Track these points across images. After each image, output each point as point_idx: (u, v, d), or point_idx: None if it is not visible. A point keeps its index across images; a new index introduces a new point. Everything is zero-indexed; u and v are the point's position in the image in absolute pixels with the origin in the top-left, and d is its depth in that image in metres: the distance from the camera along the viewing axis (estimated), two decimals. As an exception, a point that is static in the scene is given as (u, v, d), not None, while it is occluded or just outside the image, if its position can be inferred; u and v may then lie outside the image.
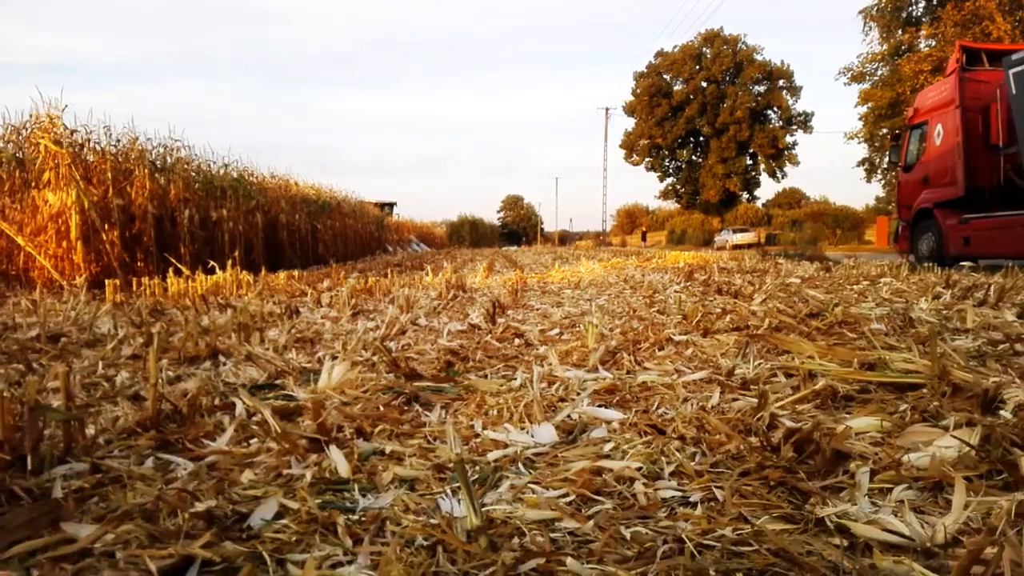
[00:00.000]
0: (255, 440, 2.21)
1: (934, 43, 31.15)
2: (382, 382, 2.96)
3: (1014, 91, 10.73)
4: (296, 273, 11.21)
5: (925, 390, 2.39)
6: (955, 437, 1.86)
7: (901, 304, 4.85)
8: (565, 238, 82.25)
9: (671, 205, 65.03)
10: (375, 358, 3.43)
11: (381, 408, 2.60)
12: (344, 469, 1.91)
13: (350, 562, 1.41)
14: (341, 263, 18.39)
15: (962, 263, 9.37)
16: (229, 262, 9.85)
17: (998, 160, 11.73)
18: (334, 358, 3.37)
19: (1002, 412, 2.12)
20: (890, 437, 2.01)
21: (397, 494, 1.75)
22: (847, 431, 1.96)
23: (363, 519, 1.61)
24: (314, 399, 2.37)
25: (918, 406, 2.25)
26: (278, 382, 3.15)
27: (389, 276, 10.51)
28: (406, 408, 2.66)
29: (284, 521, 1.60)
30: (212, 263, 9.90)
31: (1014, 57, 10.83)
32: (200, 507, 1.62)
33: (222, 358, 3.69)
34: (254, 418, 2.39)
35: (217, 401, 2.73)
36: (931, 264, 9.78)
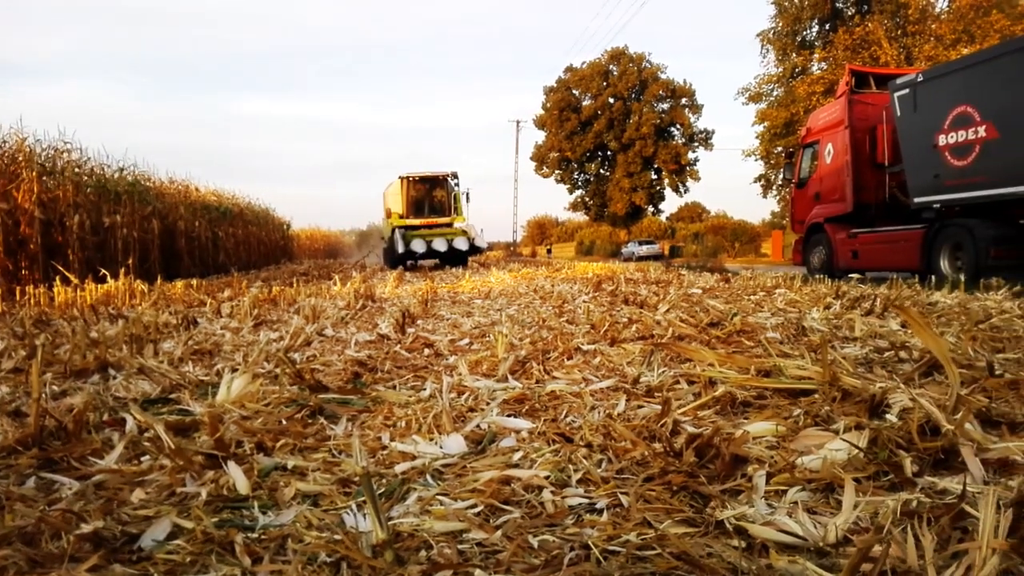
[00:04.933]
0: (147, 457, 2.11)
1: (826, 66, 32.94)
2: (285, 395, 2.87)
3: (899, 113, 11.46)
4: (195, 282, 10.79)
5: (817, 396, 2.50)
6: (845, 440, 1.95)
7: (795, 314, 5.08)
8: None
9: (580, 217, 66.15)
10: (278, 370, 3.33)
11: (284, 422, 2.52)
12: (243, 486, 1.84)
13: (249, 582, 1.35)
14: (244, 272, 17.85)
15: (851, 275, 9.91)
16: (122, 270, 9.40)
17: (884, 178, 12.49)
18: (234, 370, 3.25)
19: (888, 416, 2.23)
20: (785, 441, 2.10)
21: (300, 510, 1.70)
22: (745, 436, 2.03)
23: (263, 537, 1.55)
24: (211, 413, 2.27)
25: (811, 411, 2.35)
26: (173, 396, 3.01)
27: (295, 285, 10.25)
28: (310, 421, 2.59)
29: (178, 541, 1.53)
30: (103, 271, 9.42)
31: (899, 81, 11.58)
32: (86, 529, 1.53)
33: (112, 371, 3.51)
34: (146, 434, 2.28)
35: (106, 417, 2.59)
36: (822, 276, 10.30)
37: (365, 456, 2.07)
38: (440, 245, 21.97)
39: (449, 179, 24.30)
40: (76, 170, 12.84)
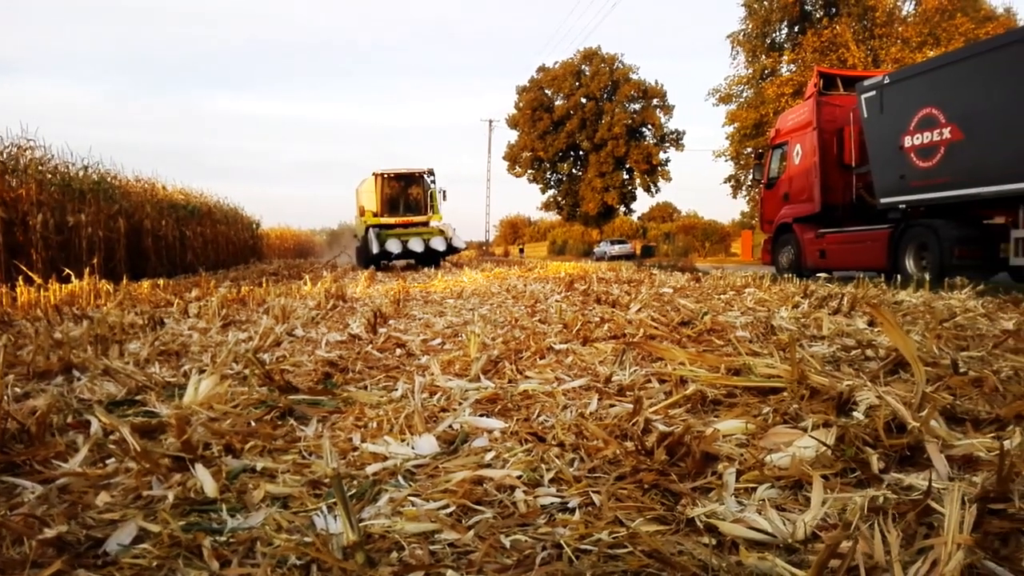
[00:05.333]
0: (112, 460, 2.07)
1: (795, 68, 33.39)
2: (254, 396, 2.83)
3: (866, 115, 11.65)
4: (162, 282, 10.63)
5: (786, 394, 2.53)
6: (813, 437, 1.98)
7: (764, 313, 5.13)
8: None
9: (553, 217, 66.32)
10: (247, 371, 3.29)
11: (253, 423, 2.49)
12: (211, 488, 1.81)
13: (216, 586, 1.33)
14: (212, 272, 17.61)
15: (818, 274, 10.05)
16: (87, 270, 9.23)
17: (851, 179, 12.69)
18: (201, 371, 3.20)
19: (855, 413, 2.27)
20: (754, 439, 2.12)
21: (269, 512, 1.67)
22: (715, 434, 2.04)
23: (231, 540, 1.53)
24: (178, 415, 2.23)
25: (780, 409, 2.38)
26: (139, 398, 2.96)
27: (264, 285, 10.14)
28: (280, 423, 2.56)
29: (144, 545, 1.50)
30: (68, 271, 9.23)
31: (866, 83, 11.77)
32: (49, 533, 1.49)
33: (76, 373, 3.44)
34: (111, 436, 2.23)
35: (70, 419, 2.53)
36: (791, 275, 10.44)
37: (336, 457, 2.06)
38: (416, 245, 21.24)
39: (425, 176, 23.59)
40: (39, 168, 12.58)
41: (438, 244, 21.52)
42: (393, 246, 21.25)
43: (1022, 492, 1.53)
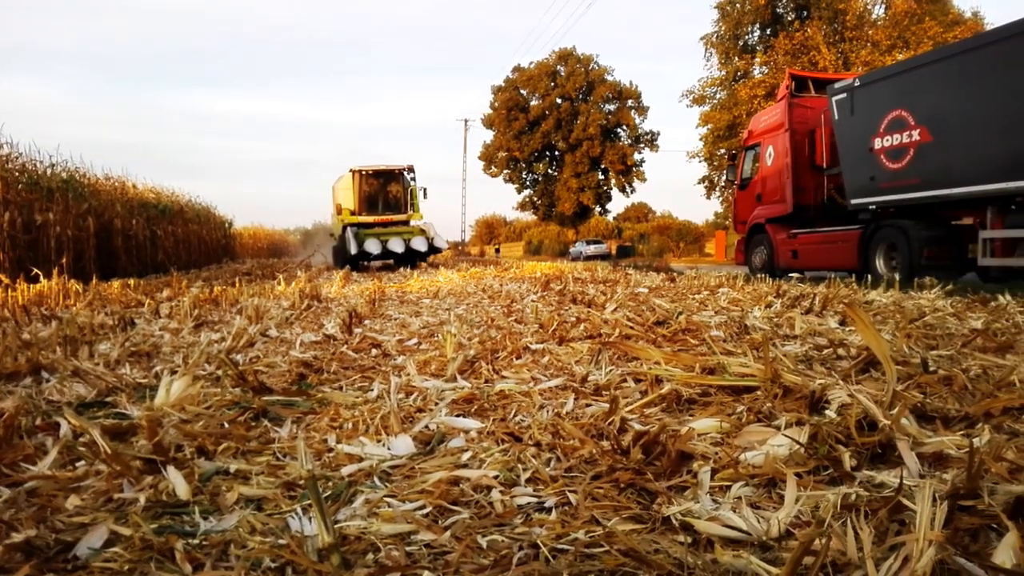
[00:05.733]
0: (82, 463, 2.03)
1: (767, 70, 33.76)
2: (227, 397, 2.80)
3: (836, 117, 11.81)
4: (132, 282, 10.47)
5: (759, 392, 2.55)
6: (786, 436, 2.00)
7: (737, 312, 5.18)
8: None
9: (528, 217, 66.39)
10: (220, 372, 3.25)
11: (226, 425, 2.46)
12: (183, 491, 1.79)
13: (189, 590, 1.31)
14: (184, 271, 17.39)
15: (791, 274, 10.16)
16: (56, 269, 9.06)
17: (822, 180, 12.85)
18: (173, 372, 3.16)
19: (827, 412, 2.29)
20: (729, 437, 2.13)
21: (243, 515, 1.66)
22: (690, 433, 2.06)
23: (204, 543, 1.51)
24: (150, 417, 2.20)
25: (753, 407, 2.40)
26: (109, 399, 2.92)
27: (237, 285, 10.03)
28: (254, 424, 2.53)
29: (115, 549, 1.48)
30: (36, 271, 9.07)
31: (837, 86, 11.92)
32: (17, 537, 1.46)
33: (45, 374, 3.37)
34: (81, 439, 2.19)
35: (39, 421, 2.49)
36: (764, 275, 10.54)
37: (310, 459, 2.04)
38: (396, 245, 20.40)
39: (405, 173, 22.75)
40: (5, 166, 12.34)
41: (419, 244, 20.77)
42: (372, 246, 20.33)
43: (991, 488, 1.56)
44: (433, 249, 21.42)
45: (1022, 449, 1.91)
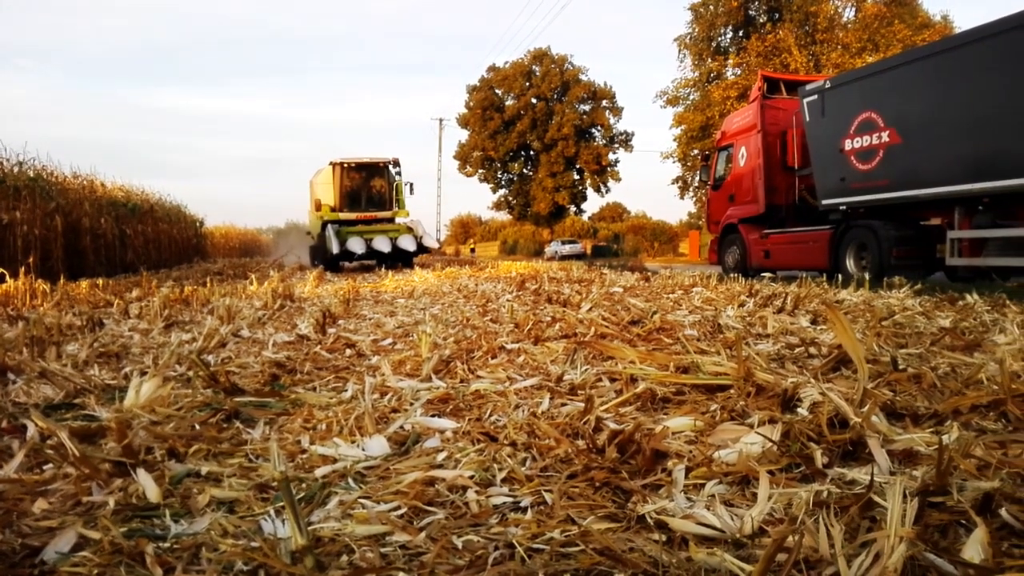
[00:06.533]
0: (50, 466, 1.99)
1: (740, 71, 34.08)
2: (198, 398, 2.77)
3: (807, 118, 11.95)
4: (101, 282, 10.29)
5: (733, 391, 2.58)
6: (759, 434, 2.01)
7: (711, 312, 5.22)
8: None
9: (504, 216, 66.39)
10: (191, 373, 3.21)
11: (197, 427, 2.43)
12: (153, 493, 1.76)
13: (159, 595, 1.29)
14: (154, 271, 17.17)
15: (763, 274, 10.26)
16: (22, 269, 8.86)
17: (794, 180, 13.00)
18: (143, 374, 3.11)
19: (799, 409, 2.32)
20: (703, 435, 2.15)
21: (214, 517, 1.63)
22: (665, 431, 2.07)
23: (176, 546, 1.49)
24: (119, 419, 2.16)
25: (727, 406, 2.42)
26: (77, 401, 2.87)
27: (208, 285, 9.91)
28: (226, 425, 2.50)
29: (84, 553, 1.45)
30: (2, 270, 8.88)
31: (808, 88, 12.07)
32: (-18, 543, 1.43)
33: (12, 376, 3.30)
34: (49, 441, 2.15)
35: (5, 423, 2.44)
36: (737, 275, 10.64)
37: (283, 460, 2.01)
38: (382, 244, 18.67)
39: (390, 167, 21.04)
40: (-30, 163, 12.09)
41: (407, 243, 19.07)
42: (356, 245, 18.60)
43: (960, 485, 1.59)
44: (422, 249, 19.77)
45: (990, 446, 1.95)
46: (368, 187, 21.29)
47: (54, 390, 3.01)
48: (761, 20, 35.66)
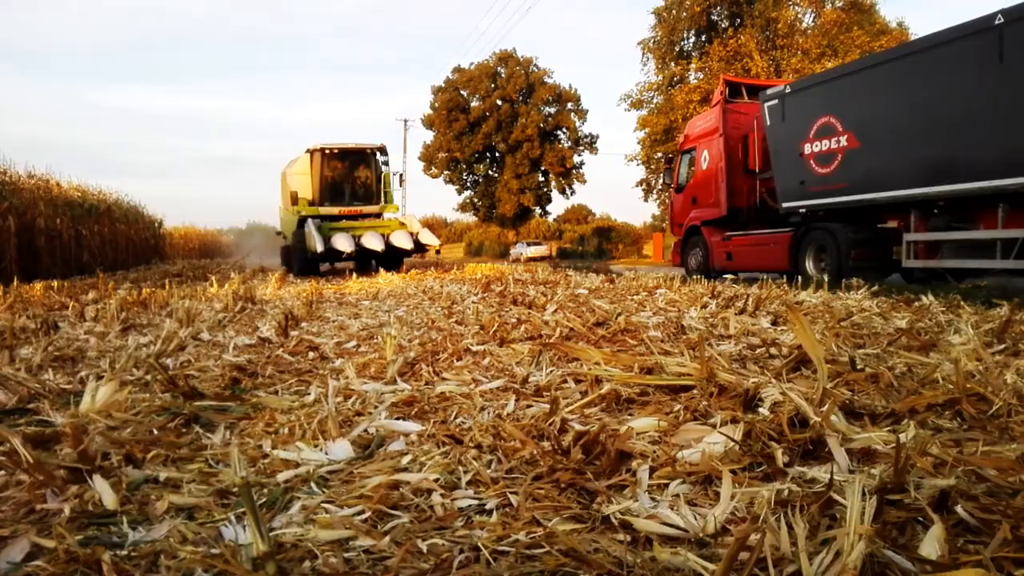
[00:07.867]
0: (2, 473, 1.93)
1: (702, 76, 34.47)
2: (157, 403, 2.71)
3: (768, 122, 12.13)
4: (56, 283, 10.05)
5: (696, 391, 2.60)
6: (722, 433, 2.03)
7: (674, 313, 5.27)
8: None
9: (469, 218, 66.22)
10: (149, 377, 3.14)
11: (155, 431, 2.38)
12: (110, 500, 1.72)
13: (115, 605, 1.26)
14: (111, 273, 16.81)
15: (725, 275, 10.40)
16: (-28, 271, 8.62)
17: (755, 184, 13.19)
18: (99, 378, 3.04)
19: (761, 409, 2.35)
20: (667, 436, 2.16)
21: (173, 524, 1.60)
22: (629, 432, 2.08)
23: (133, 554, 1.46)
24: (74, 424, 2.11)
25: (690, 406, 2.44)
26: (31, 406, 2.79)
27: (167, 287, 9.73)
28: (185, 430, 2.45)
29: (38, 562, 1.41)
30: (-50, 272, 8.63)
31: (769, 92, 12.26)
32: (-71, 554, 1.38)
33: (-40, 381, 3.20)
34: (1, 448, 2.09)
35: (-48, 431, 2.35)
36: (700, 276, 10.76)
37: (244, 465, 1.98)
38: (373, 242, 15.97)
39: (377, 155, 18.56)
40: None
41: (402, 240, 16.35)
42: (343, 243, 15.79)
43: (917, 483, 1.62)
44: (419, 247, 17.04)
45: (946, 444, 2.00)
46: (352, 178, 18.77)
47: (7, 395, 2.93)
48: (723, 25, 36.12)
